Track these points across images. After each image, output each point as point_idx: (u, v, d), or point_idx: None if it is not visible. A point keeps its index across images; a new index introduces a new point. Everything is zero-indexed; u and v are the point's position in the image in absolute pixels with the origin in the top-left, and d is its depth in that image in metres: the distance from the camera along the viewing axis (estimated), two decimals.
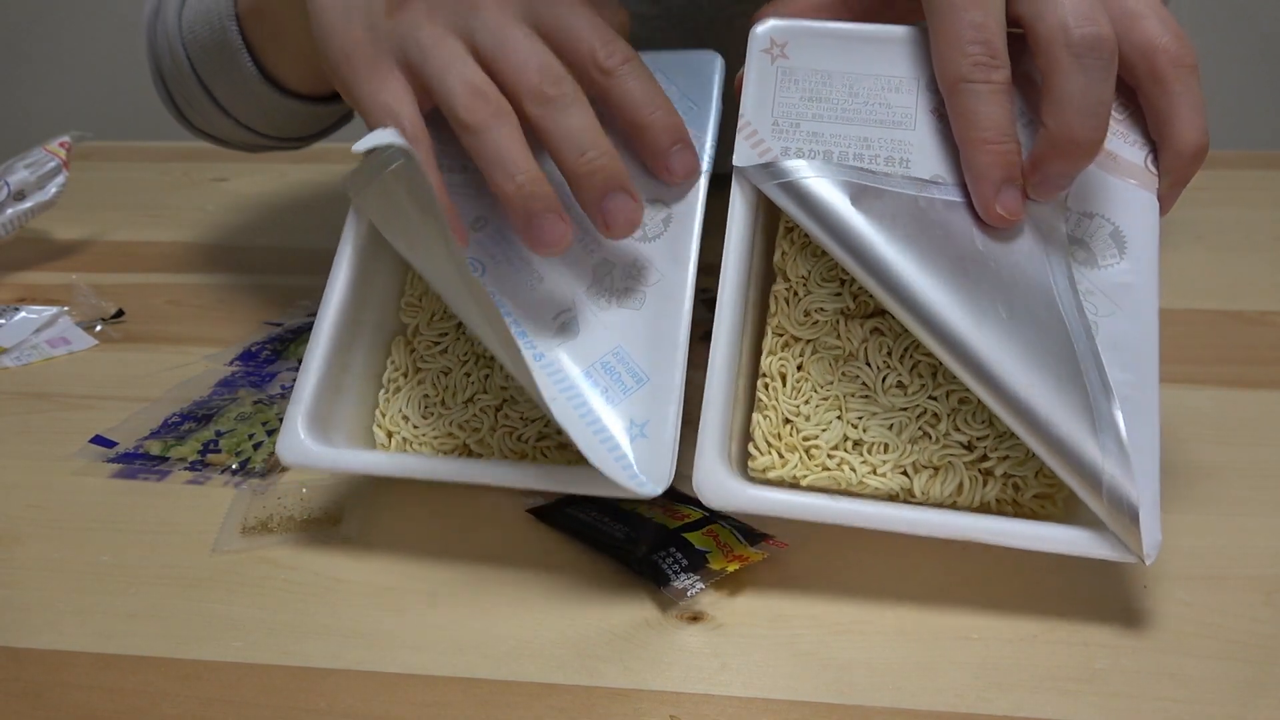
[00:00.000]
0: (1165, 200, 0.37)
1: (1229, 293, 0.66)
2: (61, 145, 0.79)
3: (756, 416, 0.39)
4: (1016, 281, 0.35)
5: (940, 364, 0.38)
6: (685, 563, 0.37)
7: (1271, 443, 0.48)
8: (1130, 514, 0.34)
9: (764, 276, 0.42)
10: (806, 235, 0.39)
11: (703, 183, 0.41)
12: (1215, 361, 0.56)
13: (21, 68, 2.03)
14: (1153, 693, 0.33)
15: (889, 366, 0.39)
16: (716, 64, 0.44)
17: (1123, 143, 0.37)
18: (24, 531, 0.43)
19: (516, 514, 0.43)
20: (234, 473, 0.47)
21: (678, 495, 0.41)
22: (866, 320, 0.39)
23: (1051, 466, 0.35)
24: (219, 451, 0.48)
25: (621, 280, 0.41)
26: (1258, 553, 0.40)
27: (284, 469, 0.47)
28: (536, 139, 0.39)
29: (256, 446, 0.48)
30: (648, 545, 0.37)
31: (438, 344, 0.44)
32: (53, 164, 0.78)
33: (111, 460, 0.48)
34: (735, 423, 0.39)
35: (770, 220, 0.41)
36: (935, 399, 0.38)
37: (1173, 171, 0.36)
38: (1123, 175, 0.37)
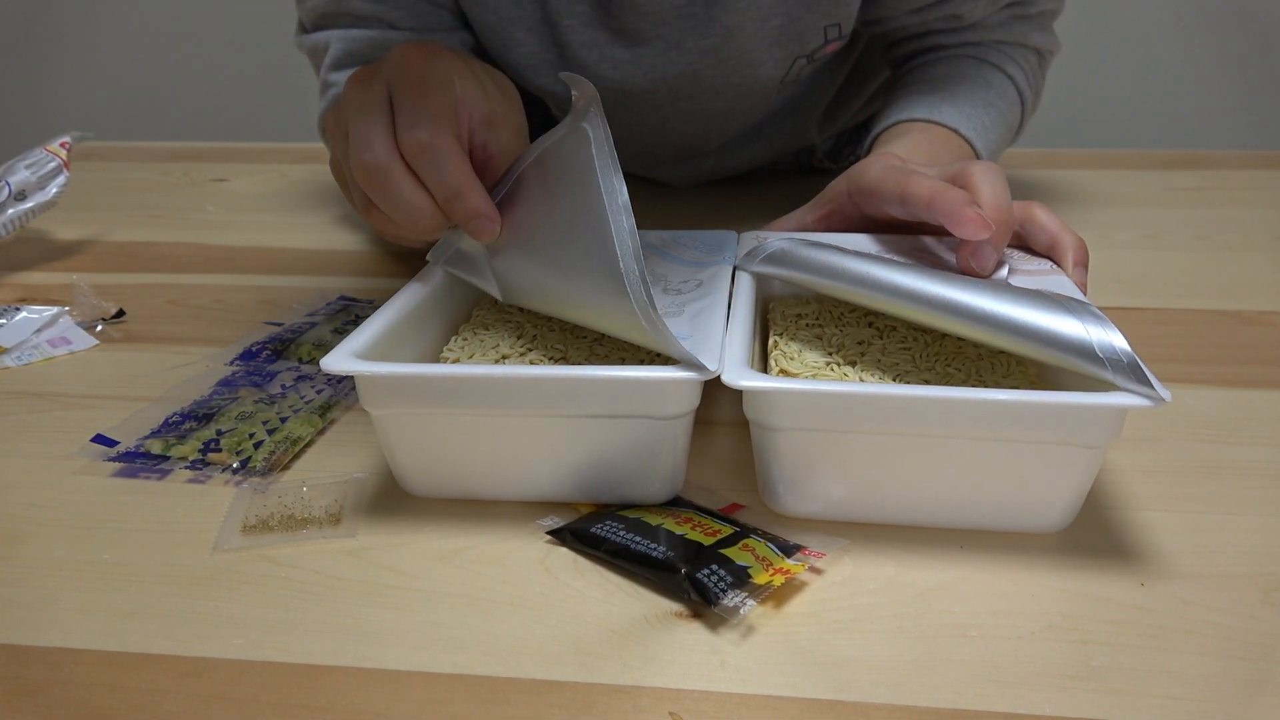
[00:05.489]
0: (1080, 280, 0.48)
1: (1229, 293, 0.66)
2: (62, 145, 0.79)
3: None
4: (985, 280, 0.44)
5: (889, 353, 0.46)
6: (730, 579, 0.37)
7: (1271, 443, 0.48)
8: (1129, 362, 0.37)
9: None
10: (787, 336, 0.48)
11: (732, 273, 0.52)
12: (1215, 361, 0.56)
13: (21, 68, 2.03)
14: (1151, 690, 0.33)
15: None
16: (733, 236, 0.57)
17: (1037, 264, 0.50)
18: (25, 530, 0.43)
19: (516, 512, 0.43)
20: (235, 472, 0.47)
21: (707, 510, 0.42)
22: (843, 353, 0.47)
23: (1049, 358, 0.39)
24: (220, 450, 0.48)
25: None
26: (1256, 551, 0.40)
27: (285, 469, 0.47)
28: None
29: (257, 446, 0.48)
30: (689, 563, 0.37)
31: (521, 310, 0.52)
32: (53, 164, 0.78)
33: (112, 459, 0.48)
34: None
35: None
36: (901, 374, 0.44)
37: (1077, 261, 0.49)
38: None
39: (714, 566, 0.37)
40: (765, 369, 0.46)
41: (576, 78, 0.43)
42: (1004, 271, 0.48)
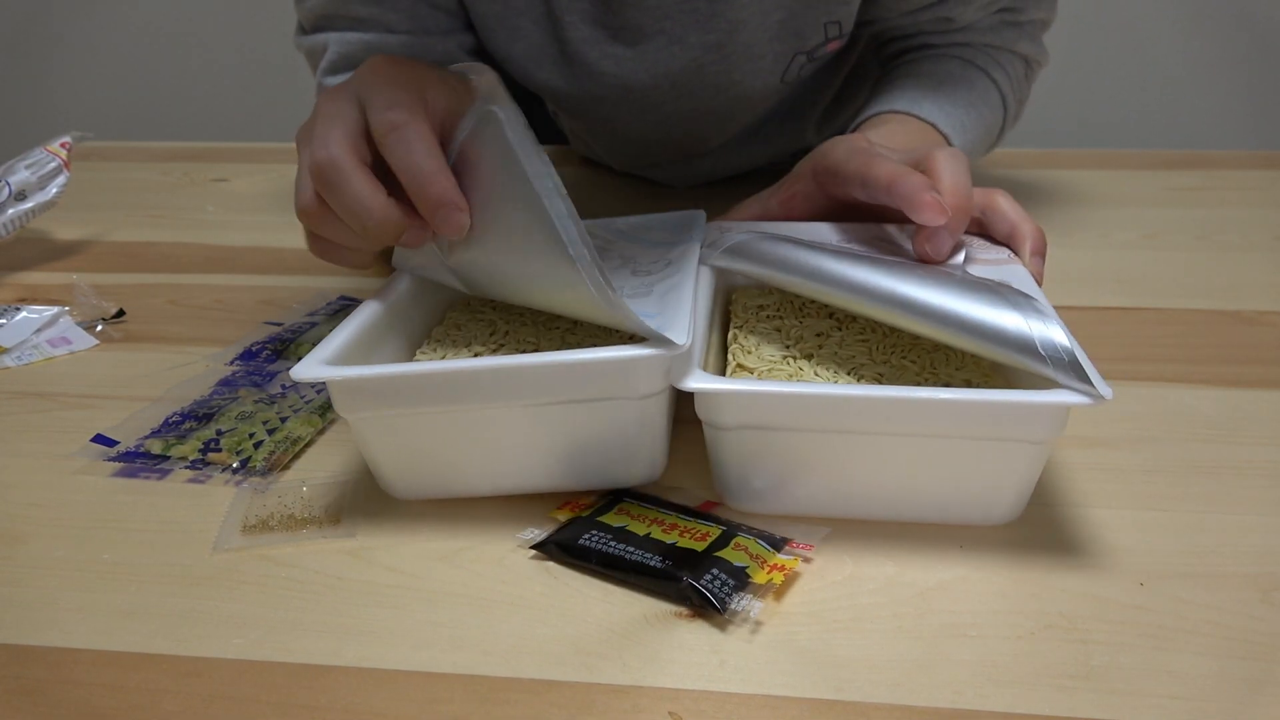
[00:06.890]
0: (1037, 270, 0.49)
1: (1229, 293, 0.66)
2: (62, 145, 0.79)
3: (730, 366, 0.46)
4: (935, 273, 0.44)
5: (846, 346, 0.46)
6: (732, 583, 0.37)
7: (1271, 443, 0.48)
8: (1069, 359, 0.37)
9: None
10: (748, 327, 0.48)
11: (697, 267, 0.50)
12: (1215, 361, 0.56)
13: (21, 68, 2.03)
14: (1150, 690, 0.33)
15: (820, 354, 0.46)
16: (701, 215, 0.57)
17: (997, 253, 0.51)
18: (26, 530, 0.43)
19: (516, 512, 0.43)
20: (235, 471, 0.47)
21: (687, 510, 0.42)
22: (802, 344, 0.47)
23: (994, 354, 0.40)
24: (220, 450, 0.48)
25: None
26: (1255, 551, 0.40)
27: (285, 468, 0.47)
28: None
29: (257, 445, 0.48)
30: (688, 572, 0.37)
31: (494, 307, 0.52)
32: (54, 164, 0.78)
33: (112, 459, 0.48)
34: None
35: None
36: (854, 370, 0.44)
37: (1035, 250, 0.50)
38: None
39: (715, 572, 0.37)
40: (725, 362, 0.46)
41: (474, 64, 0.42)
42: (960, 257, 0.48)
